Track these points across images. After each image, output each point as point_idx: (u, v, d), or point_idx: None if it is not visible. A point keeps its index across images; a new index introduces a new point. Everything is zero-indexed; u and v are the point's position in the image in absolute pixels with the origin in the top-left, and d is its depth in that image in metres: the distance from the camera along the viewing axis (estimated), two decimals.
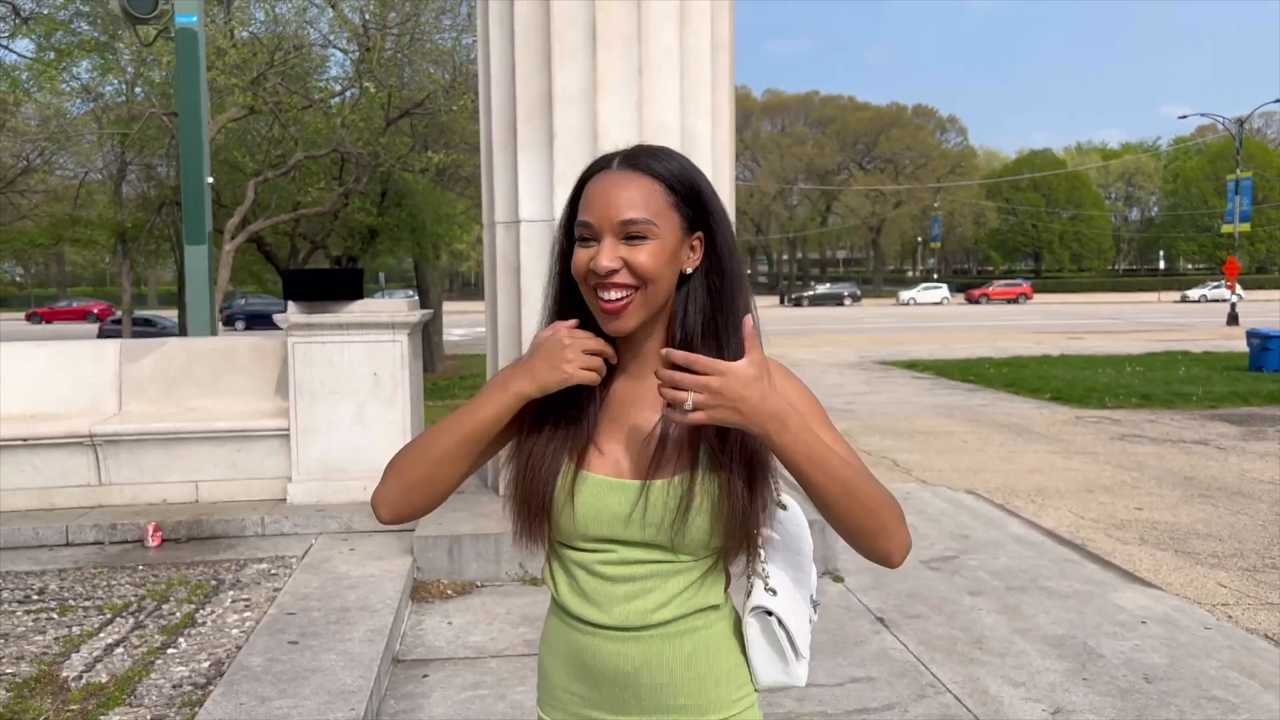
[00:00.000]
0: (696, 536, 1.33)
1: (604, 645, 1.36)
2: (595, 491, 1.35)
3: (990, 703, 3.55)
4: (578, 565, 1.38)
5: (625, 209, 1.29)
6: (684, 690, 1.37)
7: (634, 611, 1.35)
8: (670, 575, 1.36)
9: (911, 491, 7.51)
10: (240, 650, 3.82)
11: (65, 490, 5.88)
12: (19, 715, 3.29)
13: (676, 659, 1.37)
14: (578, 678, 1.40)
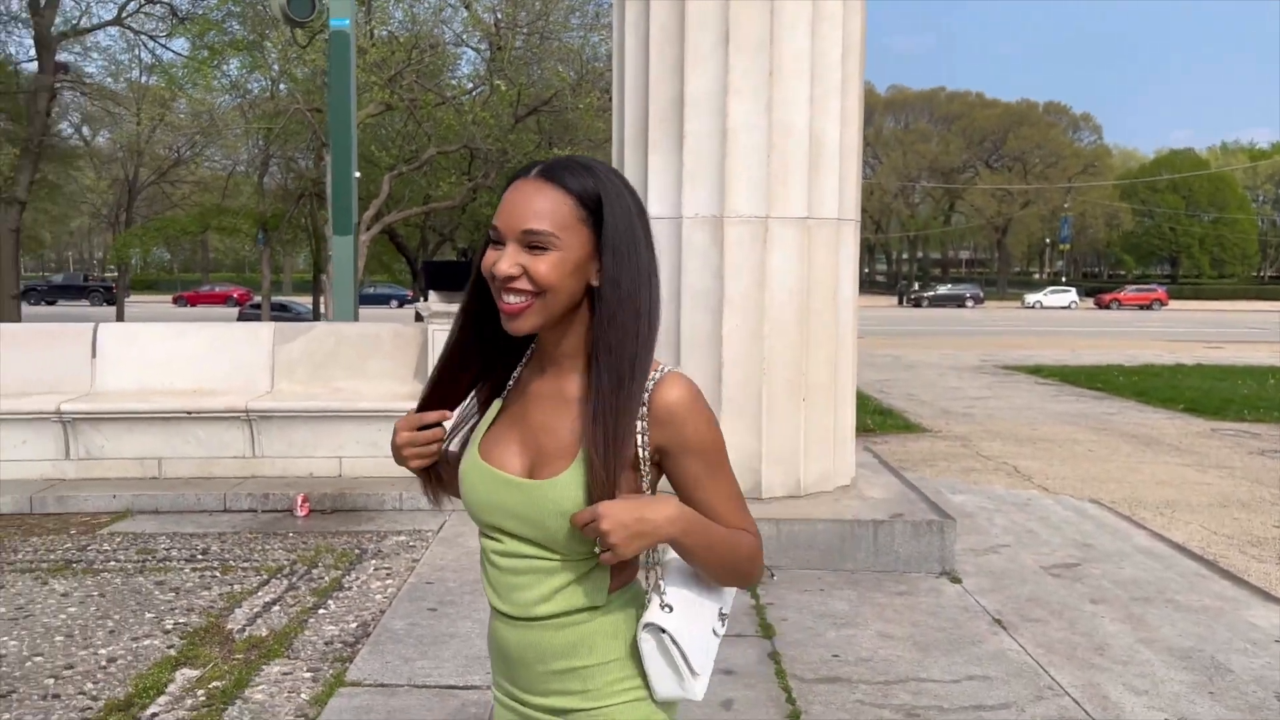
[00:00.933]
0: (569, 537, 1.37)
1: (502, 628, 1.47)
2: (488, 482, 1.43)
3: (1111, 708, 3.55)
4: (484, 551, 1.48)
5: (530, 219, 1.33)
6: (566, 678, 1.43)
7: (519, 602, 1.43)
8: (550, 572, 1.41)
9: (1032, 499, 7.39)
10: (384, 614, 4.12)
11: (223, 461, 6.36)
12: (192, 661, 3.64)
13: (557, 649, 1.43)
14: (498, 655, 1.51)
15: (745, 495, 4.85)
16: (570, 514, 1.35)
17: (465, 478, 1.45)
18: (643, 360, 1.38)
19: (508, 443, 1.44)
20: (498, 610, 1.46)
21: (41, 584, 4.50)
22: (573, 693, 1.43)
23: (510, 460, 1.42)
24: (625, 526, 1.29)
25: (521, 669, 1.45)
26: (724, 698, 3.58)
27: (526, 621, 1.42)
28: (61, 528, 5.52)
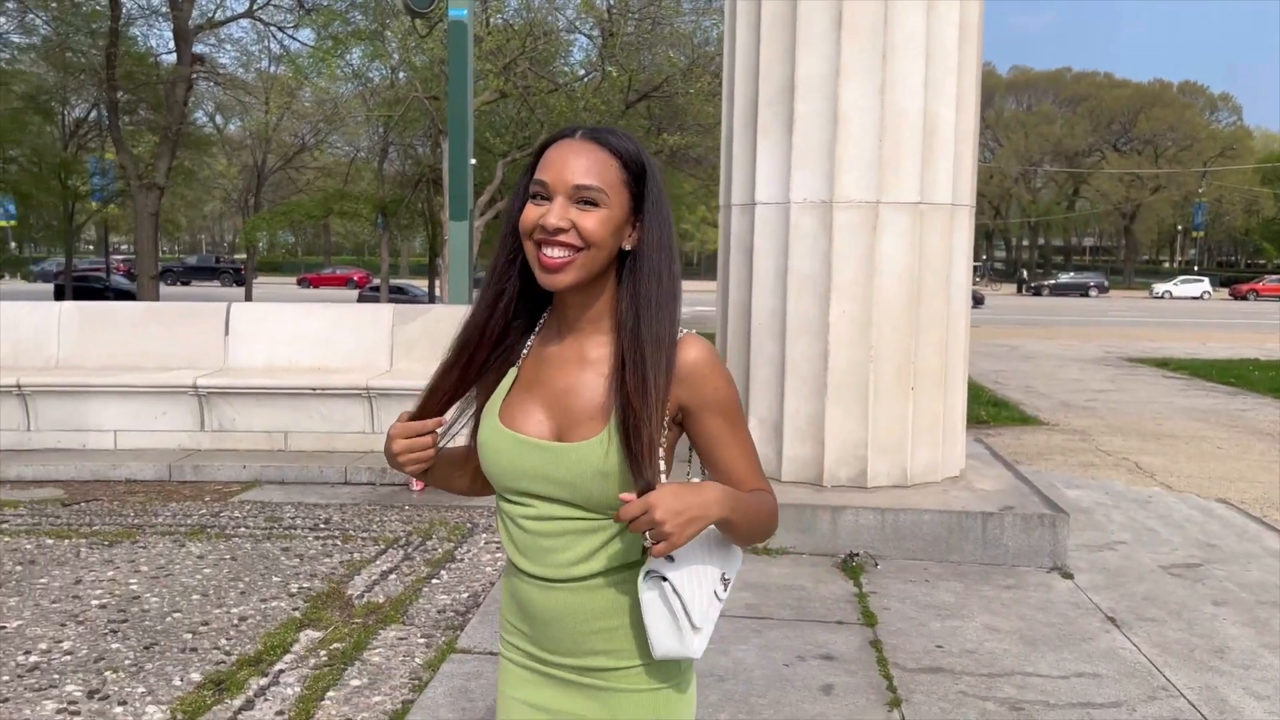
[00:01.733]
0: (607, 496, 1.38)
1: (532, 591, 1.46)
2: (515, 448, 1.43)
3: (1229, 712, 3.42)
4: (508, 516, 1.48)
5: (581, 175, 1.36)
6: (603, 638, 1.45)
7: (556, 563, 1.43)
8: (587, 532, 1.42)
9: (1154, 496, 7.12)
10: (493, 585, 4.27)
11: (344, 435, 6.65)
12: (315, 623, 3.85)
13: (595, 610, 1.44)
14: (520, 616, 1.51)
15: (850, 483, 4.87)
16: (608, 474, 1.37)
17: (487, 445, 1.45)
18: (677, 320, 1.41)
19: (530, 409, 1.45)
20: (525, 573, 1.46)
21: (180, 546, 4.82)
22: (611, 651, 1.45)
23: (536, 425, 1.43)
24: (679, 514, 1.30)
25: (555, 630, 1.45)
26: (824, 683, 3.60)
27: (565, 583, 1.43)
28: (197, 495, 5.88)
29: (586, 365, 1.43)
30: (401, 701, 3.17)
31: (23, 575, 4.35)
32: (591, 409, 1.41)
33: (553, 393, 1.44)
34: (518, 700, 1.50)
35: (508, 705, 1.52)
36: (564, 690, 1.47)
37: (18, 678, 3.31)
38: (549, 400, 1.44)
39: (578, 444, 1.39)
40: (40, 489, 5.97)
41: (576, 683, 1.46)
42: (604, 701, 1.46)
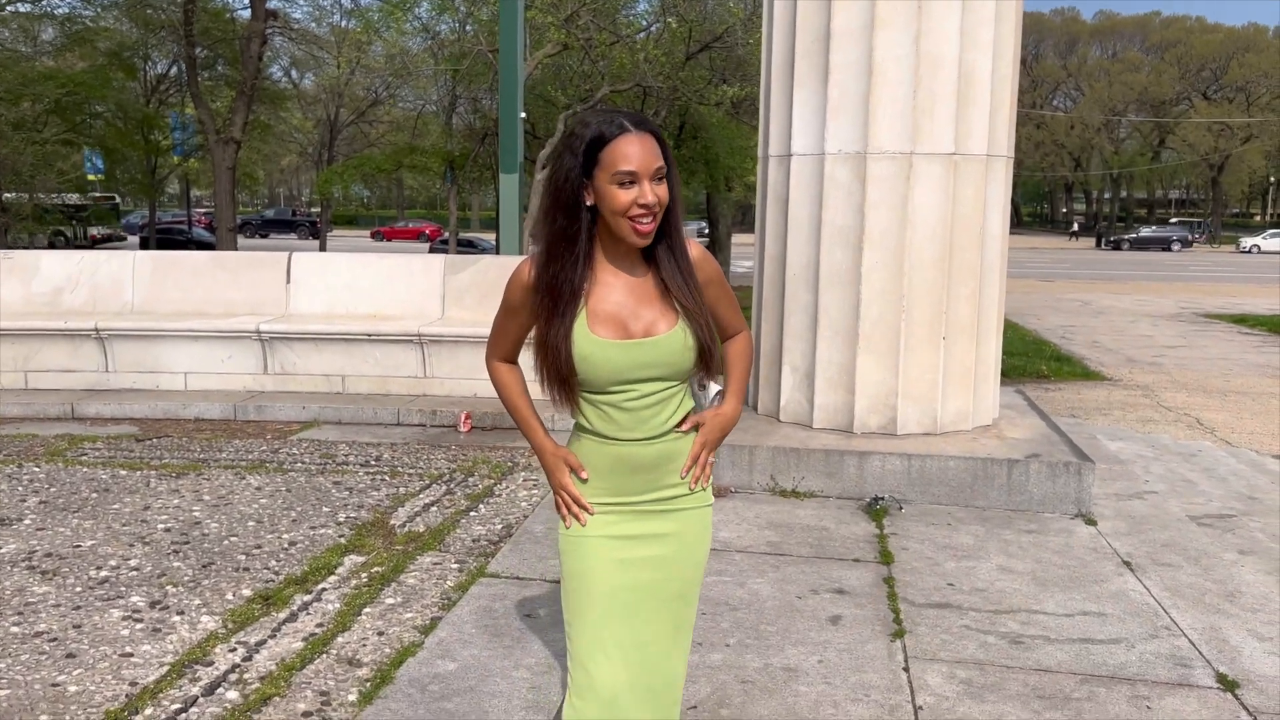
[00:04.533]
0: (689, 366, 2.00)
1: (637, 449, 2.01)
2: (625, 351, 1.94)
3: (1227, 651, 3.50)
4: (607, 404, 1.98)
5: (655, 159, 1.89)
6: (676, 470, 2.05)
7: (655, 424, 2.01)
8: (670, 396, 2.02)
9: (1203, 450, 7.05)
10: (527, 519, 4.51)
11: (397, 379, 6.95)
12: (358, 549, 4.14)
13: (677, 452, 2.05)
14: (614, 473, 2.03)
15: (880, 431, 5.05)
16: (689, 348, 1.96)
17: (593, 356, 1.92)
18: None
19: (615, 323, 1.95)
20: (629, 440, 1.99)
21: (240, 479, 5.16)
22: (677, 484, 2.06)
23: (631, 330, 1.96)
24: (720, 441, 2.12)
25: (651, 474, 2.03)
26: (833, 614, 3.76)
27: (661, 437, 2.01)
28: (259, 433, 6.24)
29: (641, 280, 1.99)
30: (431, 618, 3.43)
31: (98, 501, 4.73)
32: (660, 307, 1.97)
33: (627, 305, 1.96)
34: (602, 536, 2.03)
35: (592, 543, 2.03)
36: (642, 518, 2.05)
37: (89, 589, 3.65)
38: (627, 312, 1.96)
39: (668, 334, 1.96)
40: (117, 426, 6.39)
41: (653, 511, 2.05)
42: (673, 518, 2.07)
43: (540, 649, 3.15)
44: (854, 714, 3.03)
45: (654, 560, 2.05)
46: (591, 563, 2.03)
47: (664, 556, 2.06)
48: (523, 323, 2.05)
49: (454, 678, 2.95)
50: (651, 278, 1.99)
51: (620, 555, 2.03)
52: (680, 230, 2.00)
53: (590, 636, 2.01)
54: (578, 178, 1.89)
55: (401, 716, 2.72)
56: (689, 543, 2.10)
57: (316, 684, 2.95)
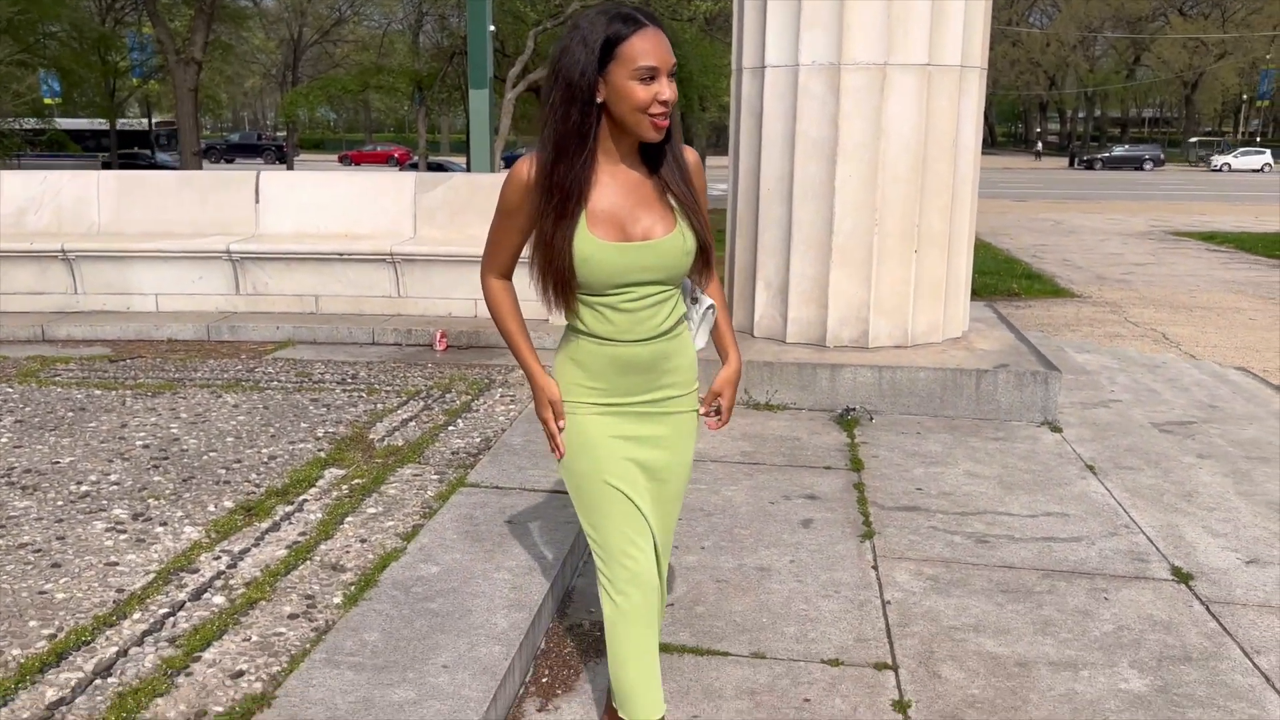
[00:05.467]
0: (687, 268, 2.03)
1: (634, 349, 2.04)
2: (625, 254, 1.95)
3: (1183, 546, 3.64)
4: (605, 306, 1.99)
5: (672, 56, 1.88)
6: (677, 370, 2.11)
7: (651, 327, 2.03)
8: (668, 298, 2.05)
9: (1167, 362, 7.20)
10: (504, 432, 4.57)
11: (371, 299, 6.93)
12: (338, 462, 4.18)
13: (671, 351, 2.09)
14: (609, 376, 2.06)
15: (852, 344, 5.12)
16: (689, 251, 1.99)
17: (594, 258, 1.92)
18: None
19: (613, 224, 1.94)
20: (626, 341, 2.01)
21: (216, 397, 5.17)
22: (674, 383, 2.11)
23: (630, 233, 1.95)
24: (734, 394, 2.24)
25: (647, 375, 2.06)
26: (804, 518, 3.86)
27: (658, 338, 2.04)
28: (233, 353, 6.23)
29: (641, 182, 1.98)
30: (412, 526, 3.49)
31: (74, 420, 4.73)
32: (660, 210, 1.97)
33: (626, 207, 1.95)
34: (606, 435, 2.07)
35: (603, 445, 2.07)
36: (638, 420, 2.10)
37: (70, 503, 3.68)
38: (625, 215, 1.95)
39: (668, 238, 1.96)
40: (89, 347, 6.35)
41: (648, 413, 2.10)
42: (666, 422, 2.12)
43: (521, 553, 3.22)
44: (824, 609, 3.14)
45: (652, 461, 2.11)
46: (605, 463, 2.06)
47: (660, 459, 2.12)
48: (521, 228, 2.01)
49: (437, 580, 3.02)
50: (648, 179, 1.98)
51: (627, 454, 2.08)
52: (680, 130, 2.03)
53: (619, 531, 2.07)
54: (593, 72, 1.85)
55: (386, 616, 2.79)
56: (680, 446, 2.15)
57: (301, 588, 3.01)
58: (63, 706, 2.38)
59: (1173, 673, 2.78)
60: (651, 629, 2.10)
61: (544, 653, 2.89)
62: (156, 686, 2.46)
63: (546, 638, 2.97)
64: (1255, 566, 3.48)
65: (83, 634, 2.70)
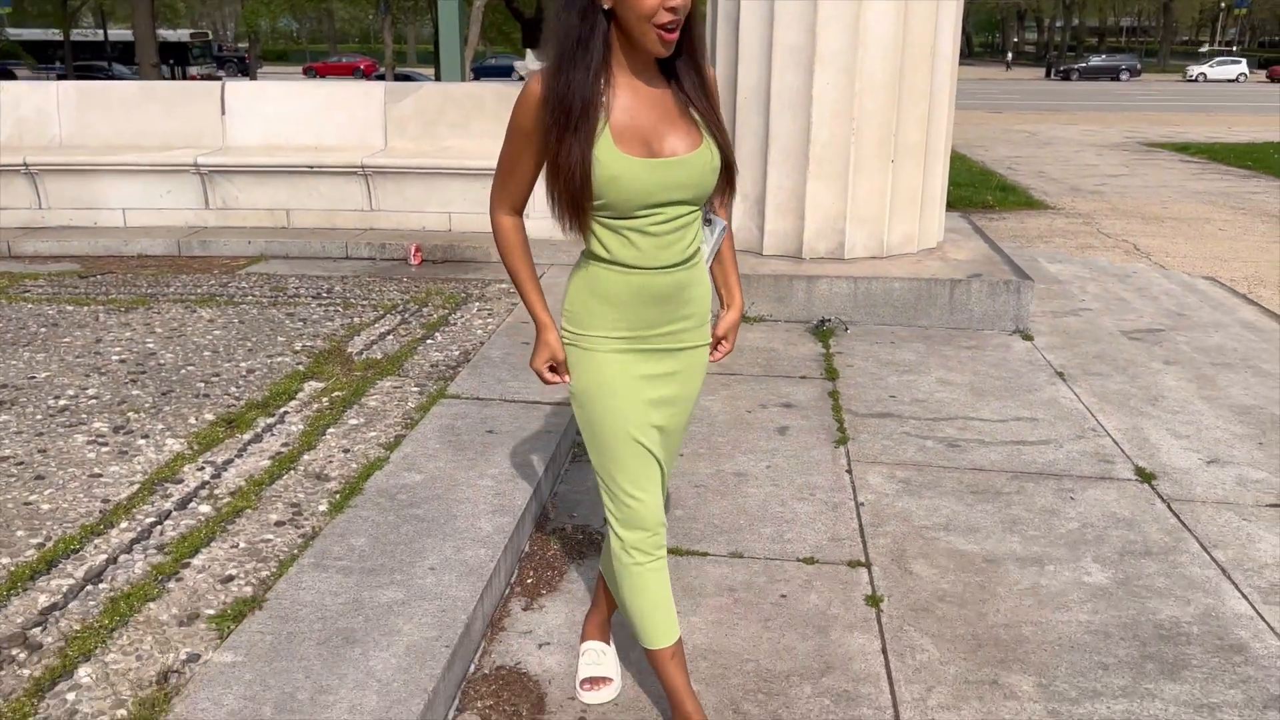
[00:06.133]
0: (713, 186, 1.91)
1: (657, 278, 1.94)
2: (653, 171, 1.83)
3: (1147, 448, 3.75)
4: (630, 230, 1.88)
5: None
6: (694, 301, 2.02)
7: (677, 252, 1.93)
8: (693, 221, 1.95)
9: (1137, 271, 7.29)
10: (483, 345, 4.58)
11: (343, 213, 6.85)
12: (317, 375, 4.19)
13: (693, 280, 2.00)
14: (634, 305, 1.95)
15: (829, 255, 5.16)
16: (715, 168, 1.88)
17: (623, 177, 1.80)
18: None
19: (639, 140, 1.83)
20: (650, 269, 1.91)
21: (191, 312, 5.13)
22: (689, 315, 2.02)
23: (653, 149, 1.84)
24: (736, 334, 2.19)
25: (667, 306, 1.97)
26: (780, 425, 3.93)
27: (680, 265, 1.94)
28: (206, 268, 6.16)
29: (663, 97, 1.87)
30: (394, 436, 3.53)
31: (47, 335, 4.69)
32: (685, 125, 1.87)
33: (649, 123, 1.84)
34: (626, 375, 2.00)
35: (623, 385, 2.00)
36: (653, 357, 2.01)
37: (50, 417, 3.68)
38: (651, 131, 1.84)
39: (695, 153, 1.86)
40: (57, 263, 6.26)
41: (664, 349, 2.01)
42: (679, 357, 2.05)
43: (503, 461, 3.27)
44: (800, 511, 3.23)
45: (667, 399, 2.06)
46: (625, 409, 2.00)
47: (674, 395, 2.07)
48: (535, 152, 1.87)
49: (421, 488, 3.07)
50: (670, 93, 1.88)
51: (645, 395, 2.02)
52: (703, 43, 1.89)
53: (629, 473, 2.03)
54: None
55: (372, 523, 2.84)
56: (691, 379, 2.10)
57: (286, 497, 3.05)
58: (55, 611, 2.42)
59: (1134, 566, 2.90)
60: (656, 563, 2.09)
61: (528, 555, 2.97)
62: (148, 591, 2.51)
63: (530, 541, 3.04)
64: (1215, 466, 3.59)
65: (71, 543, 2.74)
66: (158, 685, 2.15)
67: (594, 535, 3.09)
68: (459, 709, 2.29)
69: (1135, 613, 2.66)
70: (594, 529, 3.13)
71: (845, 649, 2.50)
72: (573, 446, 3.74)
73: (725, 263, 2.16)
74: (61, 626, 2.36)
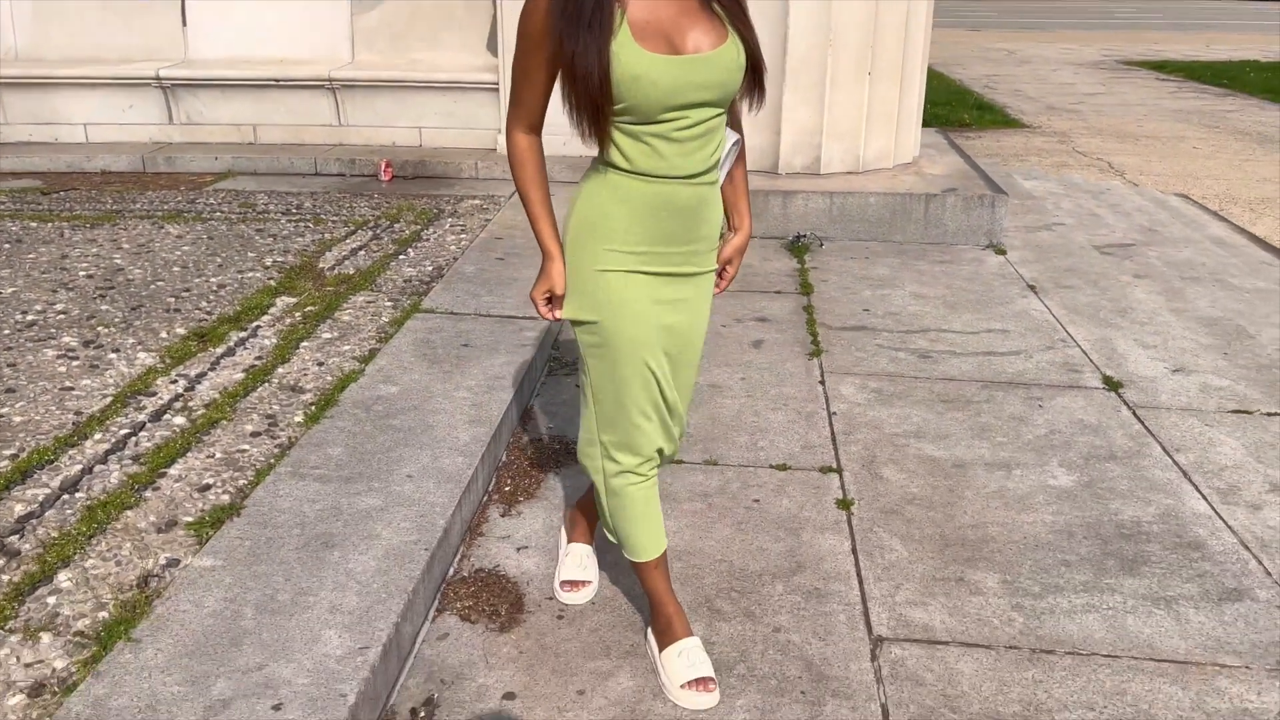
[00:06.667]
0: (739, 87, 1.80)
1: (680, 190, 1.84)
2: (679, 68, 1.72)
3: (1115, 357, 3.81)
4: (653, 136, 1.77)
5: None
6: (709, 222, 1.93)
7: (700, 159, 1.83)
8: (718, 126, 1.84)
9: (1111, 188, 7.31)
10: (457, 261, 4.55)
11: (312, 128, 6.71)
12: (289, 290, 4.15)
13: (711, 199, 1.91)
14: (655, 218, 1.86)
15: (805, 170, 5.12)
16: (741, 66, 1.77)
17: (646, 76, 1.69)
18: None
19: (660, 37, 1.72)
20: (674, 178, 1.81)
21: (158, 228, 5.05)
22: (704, 237, 1.93)
23: (676, 46, 1.72)
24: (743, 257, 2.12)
25: (688, 220, 1.88)
26: (755, 339, 3.96)
27: (702, 176, 1.84)
28: (172, 184, 6.04)
29: None
30: (369, 349, 3.52)
31: (11, 251, 4.61)
32: (709, 22, 1.75)
33: (671, 20, 1.72)
34: (644, 299, 1.92)
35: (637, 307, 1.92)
36: (667, 282, 1.93)
37: (18, 331, 3.64)
38: (673, 28, 1.72)
39: (721, 49, 1.74)
40: (18, 180, 6.12)
41: (676, 273, 1.93)
42: (690, 282, 1.97)
43: (479, 373, 3.28)
44: (773, 421, 3.27)
45: (678, 325, 1.99)
46: (643, 336, 1.93)
47: (684, 322, 1.99)
48: (548, 59, 1.75)
49: (397, 399, 3.07)
50: None
51: (660, 321, 1.95)
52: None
53: (637, 399, 1.97)
54: None
55: (349, 433, 2.85)
56: (702, 307, 2.03)
57: (261, 409, 3.05)
58: (33, 520, 2.43)
59: (1098, 469, 2.97)
60: (648, 482, 2.08)
61: (506, 464, 2.99)
62: (124, 500, 2.52)
63: (508, 451, 3.07)
64: (1181, 374, 3.66)
65: (45, 454, 2.73)
66: (138, 589, 2.17)
67: (570, 445, 3.11)
68: (439, 609, 2.33)
69: (1098, 513, 2.73)
70: (570, 439, 3.16)
71: (816, 549, 2.56)
72: (549, 360, 3.75)
73: (737, 181, 2.04)
74: (39, 534, 2.37)
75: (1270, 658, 2.16)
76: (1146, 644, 2.21)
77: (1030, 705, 2.02)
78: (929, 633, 2.24)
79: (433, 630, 2.26)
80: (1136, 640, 2.22)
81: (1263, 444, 3.12)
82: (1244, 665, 2.14)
